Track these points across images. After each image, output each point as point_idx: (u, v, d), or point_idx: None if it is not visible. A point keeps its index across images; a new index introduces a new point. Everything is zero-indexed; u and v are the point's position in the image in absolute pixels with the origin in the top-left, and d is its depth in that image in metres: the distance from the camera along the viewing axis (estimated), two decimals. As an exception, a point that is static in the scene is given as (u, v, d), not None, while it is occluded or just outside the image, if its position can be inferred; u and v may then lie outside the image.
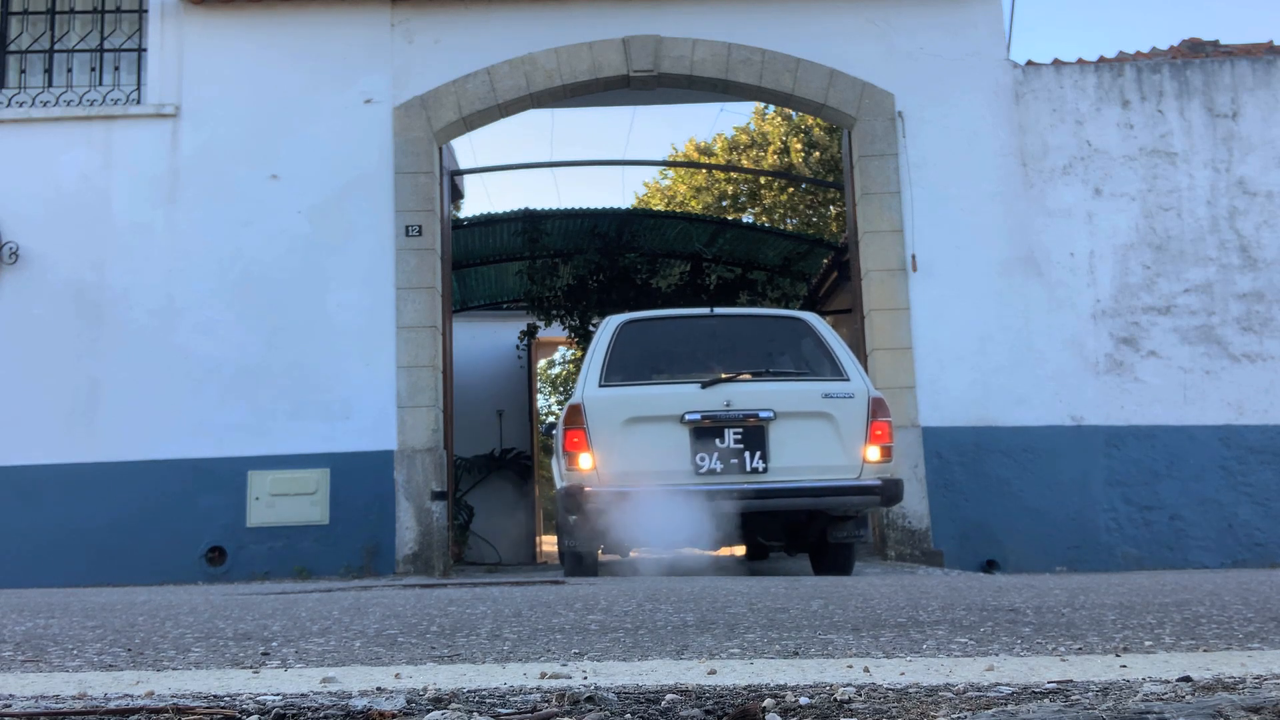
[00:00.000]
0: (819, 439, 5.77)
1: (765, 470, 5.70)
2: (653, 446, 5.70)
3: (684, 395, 5.81)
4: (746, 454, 5.73)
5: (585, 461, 5.71)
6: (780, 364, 6.23)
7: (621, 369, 5.97)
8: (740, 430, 5.74)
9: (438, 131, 8.41)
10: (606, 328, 6.18)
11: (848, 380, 5.96)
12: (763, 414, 5.74)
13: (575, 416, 5.76)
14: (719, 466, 5.69)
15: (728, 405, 5.74)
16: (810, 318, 6.43)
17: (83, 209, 8.22)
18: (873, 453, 5.76)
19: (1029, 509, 7.83)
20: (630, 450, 5.69)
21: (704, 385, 5.81)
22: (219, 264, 8.14)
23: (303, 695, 1.27)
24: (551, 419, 16.08)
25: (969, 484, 7.88)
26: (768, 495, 5.69)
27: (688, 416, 5.73)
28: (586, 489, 5.63)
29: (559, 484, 6.18)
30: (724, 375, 5.88)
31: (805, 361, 6.20)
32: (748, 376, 5.93)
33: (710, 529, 5.59)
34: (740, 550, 9.63)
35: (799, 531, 6.41)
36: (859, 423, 5.80)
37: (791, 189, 20.11)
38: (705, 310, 6.60)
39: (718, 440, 5.71)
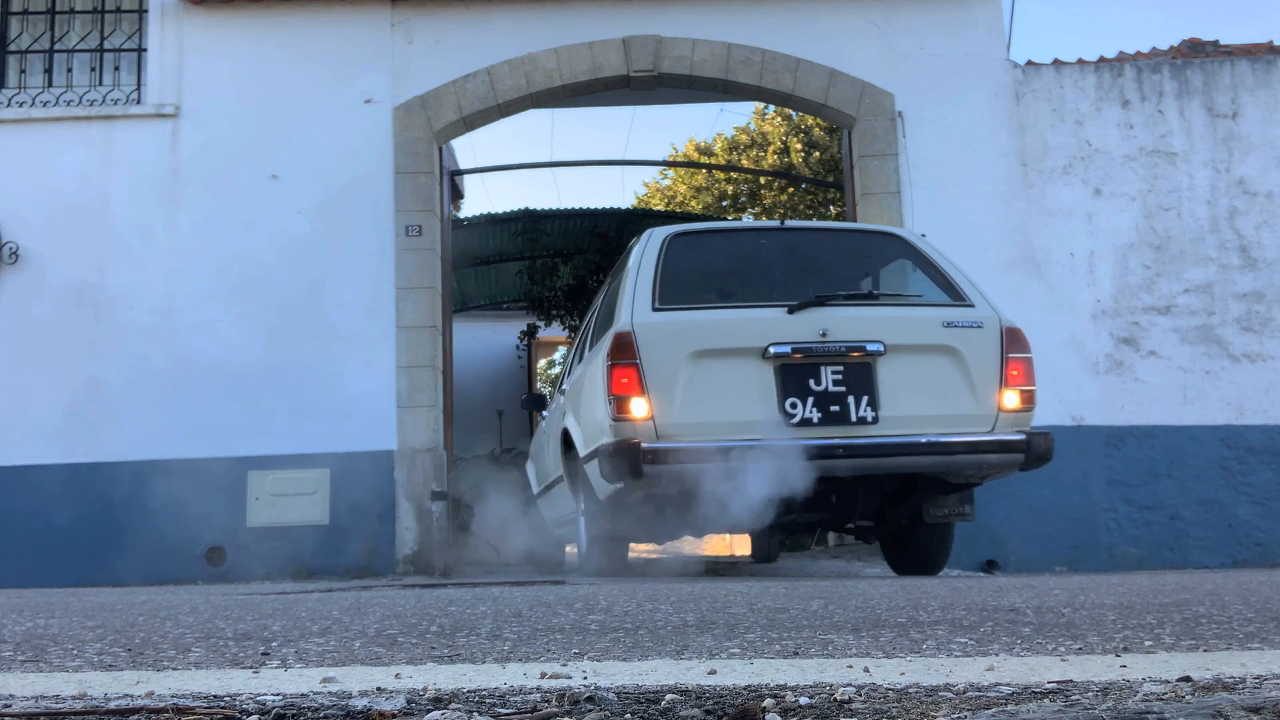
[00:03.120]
0: (941, 380, 4.62)
1: (875, 420, 4.52)
2: (728, 389, 4.51)
3: (767, 322, 4.60)
4: (851, 399, 4.54)
5: (639, 408, 4.40)
6: (881, 288, 5.06)
7: (677, 291, 4.72)
8: (841, 368, 4.56)
9: (438, 131, 8.41)
10: (649, 243, 4.90)
11: (971, 306, 4.82)
12: (870, 347, 4.57)
13: (624, 348, 4.48)
14: (816, 415, 4.50)
15: (824, 335, 4.57)
16: (906, 233, 5.40)
17: (83, 209, 8.22)
18: (1010, 398, 4.61)
19: (1029, 509, 7.83)
20: (698, 394, 4.46)
21: (791, 310, 4.61)
22: (219, 264, 8.14)
23: (303, 695, 1.27)
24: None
25: (969, 484, 7.88)
26: (883, 453, 4.51)
27: (773, 349, 4.53)
28: (644, 445, 4.35)
29: (586, 443, 4.90)
30: (817, 297, 4.67)
31: (908, 288, 5.11)
32: (846, 299, 4.76)
33: (804, 500, 4.49)
34: (738, 551, 9.55)
35: (885, 508, 5.21)
36: (990, 360, 4.65)
37: (791, 189, 20.12)
38: (774, 223, 5.45)
39: (812, 381, 4.54)
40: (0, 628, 2.51)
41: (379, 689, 1.31)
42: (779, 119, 20.56)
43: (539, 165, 11.35)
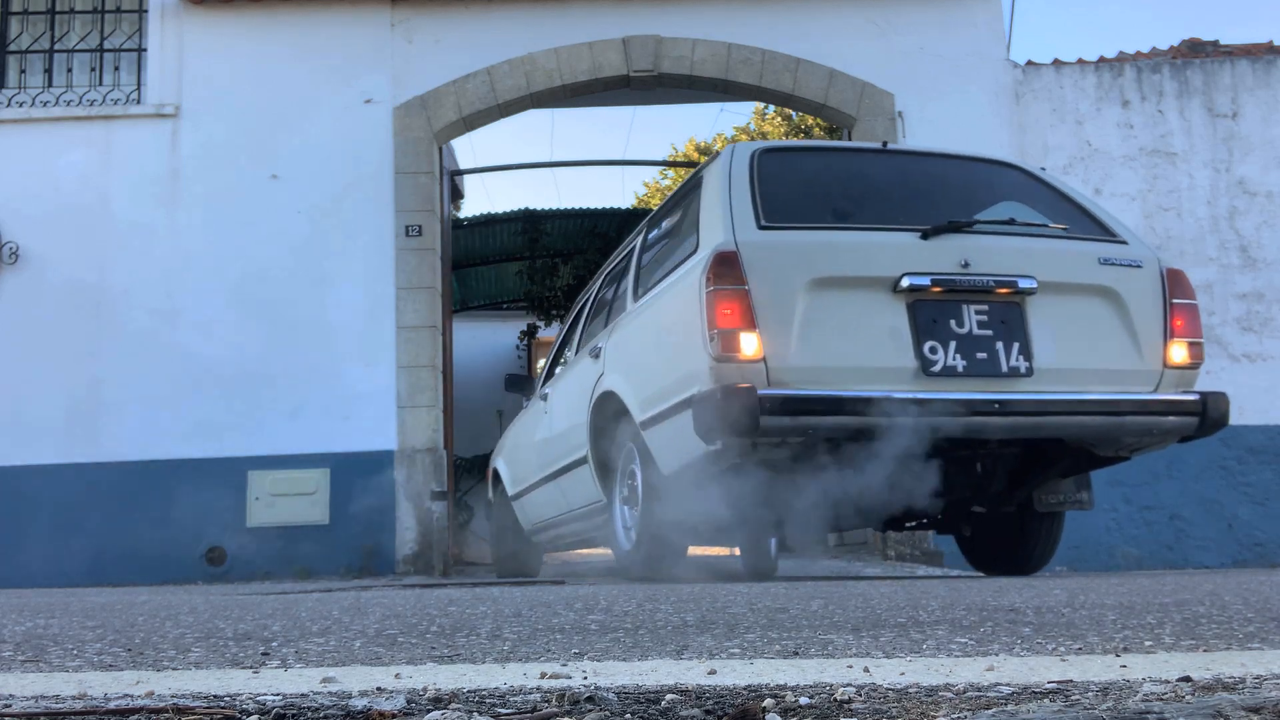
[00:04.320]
0: (1099, 328, 3.93)
1: (1030, 373, 3.79)
2: (851, 327, 3.74)
3: (899, 248, 3.85)
4: (1000, 345, 3.80)
5: (749, 345, 3.58)
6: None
7: (782, 210, 3.92)
8: (985, 307, 3.83)
9: (438, 131, 8.41)
10: (733, 158, 4.05)
11: (1125, 243, 4.11)
12: (1023, 283, 3.83)
13: (728, 270, 3.65)
14: (960, 364, 3.75)
15: (965, 266, 3.82)
16: (1026, 164, 4.76)
17: (83, 209, 8.22)
18: (1177, 352, 3.93)
19: (1029, 509, 7.82)
20: (817, 332, 3.68)
21: (925, 235, 3.87)
22: (219, 264, 8.14)
23: (303, 695, 1.27)
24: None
25: (969, 484, 7.87)
26: (1046, 412, 3.78)
27: (908, 281, 3.75)
28: (760, 392, 3.52)
29: (652, 400, 4.03)
30: (951, 223, 3.92)
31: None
32: (987, 226, 3.99)
33: (948, 475, 3.86)
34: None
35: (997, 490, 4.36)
36: (1153, 305, 3.96)
37: (791, 189, 20.08)
38: (874, 144, 4.61)
39: (954, 322, 3.79)
40: (0, 628, 2.51)
41: (379, 689, 1.31)
42: (779, 119, 20.55)
43: (539, 165, 11.37)
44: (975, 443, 3.93)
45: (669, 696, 1.21)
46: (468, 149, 34.71)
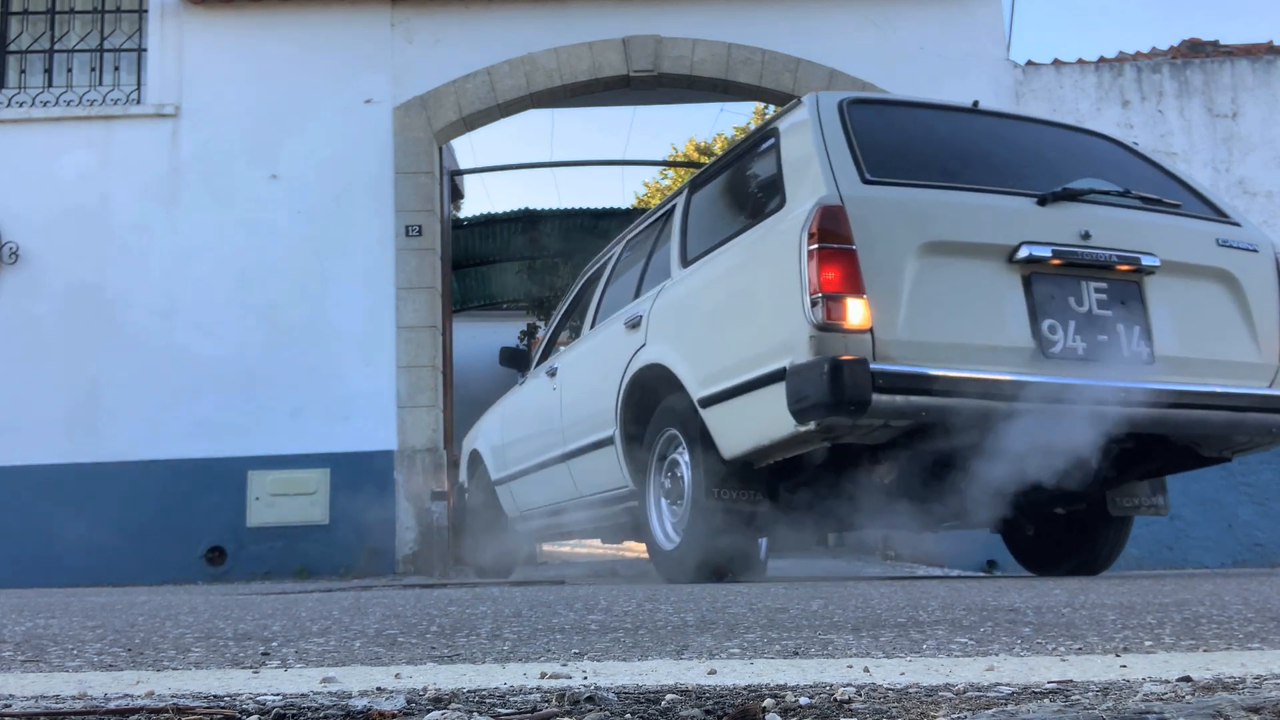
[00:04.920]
0: (1215, 314, 3.62)
1: (1151, 360, 3.49)
2: (964, 299, 3.35)
3: (1015, 213, 3.48)
4: (1120, 328, 3.47)
5: (856, 313, 3.19)
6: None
7: (884, 164, 3.49)
8: (1105, 285, 3.50)
9: (438, 131, 8.41)
10: (819, 107, 3.62)
11: (1239, 225, 3.83)
12: (1145, 259, 3.51)
13: (835, 225, 3.24)
14: (1080, 346, 3.41)
15: (1085, 238, 3.49)
16: (1118, 138, 4.42)
17: (83, 209, 8.22)
18: None
19: (1029, 509, 7.81)
20: (927, 303, 3.29)
21: (1041, 201, 3.51)
22: (219, 264, 8.15)
23: (303, 695, 1.27)
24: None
25: (969, 484, 7.86)
26: (1171, 404, 3.44)
27: (1026, 251, 3.39)
28: (873, 367, 3.15)
29: (718, 376, 3.65)
30: (1065, 190, 3.55)
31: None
32: (1102, 196, 3.63)
33: (1067, 468, 3.43)
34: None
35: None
36: (1270, 294, 3.67)
37: (791, 189, 20.10)
38: (964, 104, 4.19)
39: (1073, 300, 3.45)
40: (0, 628, 2.51)
41: (379, 689, 1.31)
42: (779, 119, 20.49)
43: (539, 165, 11.37)
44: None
45: (669, 696, 1.21)
46: (468, 149, 34.74)
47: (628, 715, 1.13)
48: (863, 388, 3.09)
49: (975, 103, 4.26)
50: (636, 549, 10.37)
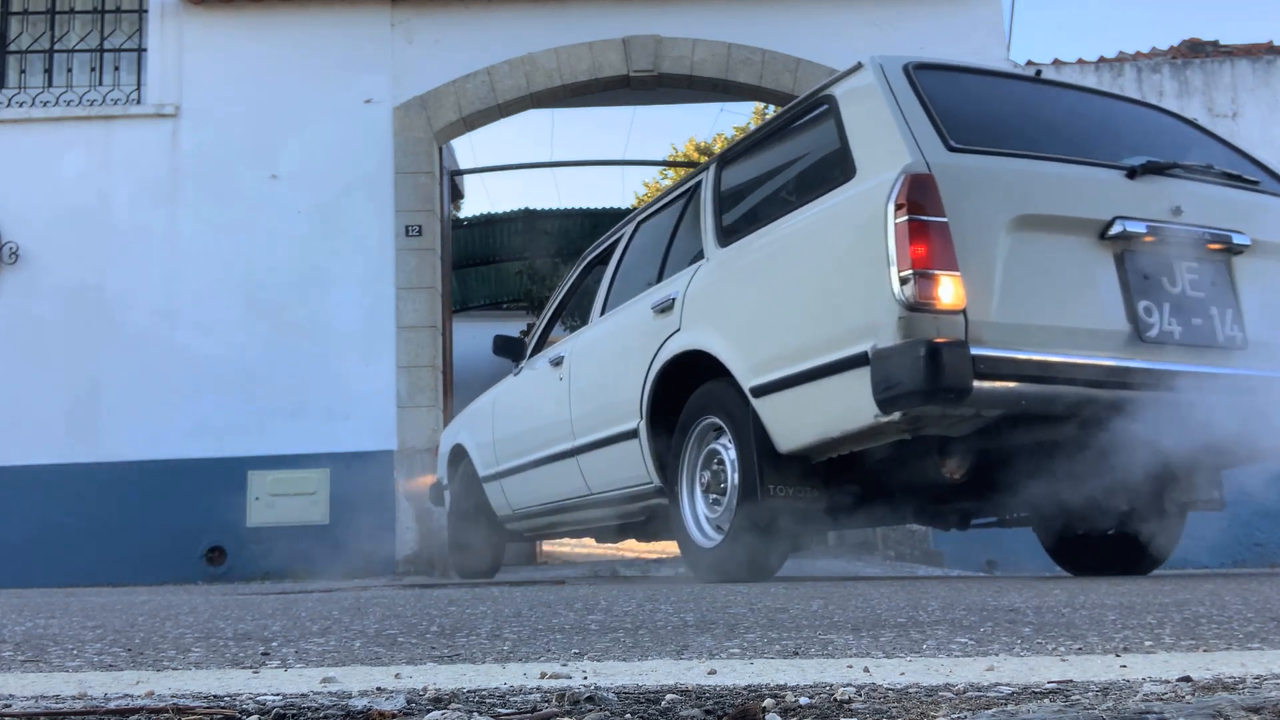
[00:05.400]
0: None
1: (1244, 344, 3.29)
2: (1055, 277, 3.13)
3: (1107, 186, 3.28)
4: (1214, 310, 3.27)
5: (947, 292, 2.95)
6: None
7: (967, 131, 3.24)
8: (1196, 264, 3.31)
9: (438, 131, 8.41)
10: (886, 74, 3.36)
11: None
12: (1236, 238, 3.35)
13: (926, 195, 2.99)
14: (1177, 329, 3.21)
15: (1177, 213, 3.29)
16: (1189, 118, 4.22)
17: (83, 209, 8.22)
18: None
19: (1029, 509, 7.80)
20: (1019, 281, 3.06)
21: (1131, 174, 3.31)
22: (219, 264, 8.15)
23: (303, 695, 1.27)
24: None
25: (969, 484, 7.85)
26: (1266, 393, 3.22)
27: (1120, 226, 3.18)
28: (974, 351, 2.92)
29: (774, 362, 3.40)
30: (1151, 163, 3.35)
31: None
32: (1190, 171, 3.45)
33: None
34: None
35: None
36: None
37: (791, 189, 20.08)
38: (1028, 73, 3.89)
39: (1167, 280, 3.25)
40: (0, 628, 2.51)
41: (379, 689, 1.31)
42: (779, 119, 20.48)
43: (539, 165, 11.37)
44: None
45: (669, 696, 1.21)
46: (468, 149, 34.74)
47: (628, 715, 1.13)
48: (963, 374, 2.86)
49: (1038, 71, 4.02)
50: (637, 548, 10.37)
